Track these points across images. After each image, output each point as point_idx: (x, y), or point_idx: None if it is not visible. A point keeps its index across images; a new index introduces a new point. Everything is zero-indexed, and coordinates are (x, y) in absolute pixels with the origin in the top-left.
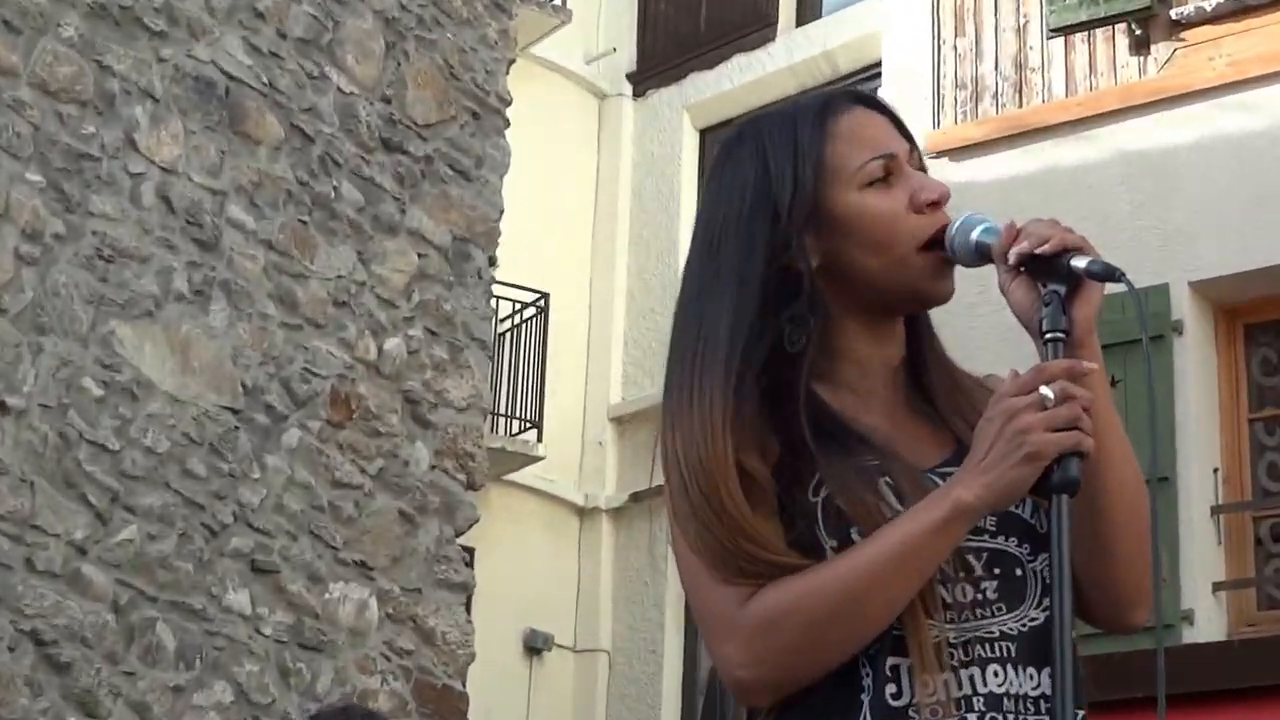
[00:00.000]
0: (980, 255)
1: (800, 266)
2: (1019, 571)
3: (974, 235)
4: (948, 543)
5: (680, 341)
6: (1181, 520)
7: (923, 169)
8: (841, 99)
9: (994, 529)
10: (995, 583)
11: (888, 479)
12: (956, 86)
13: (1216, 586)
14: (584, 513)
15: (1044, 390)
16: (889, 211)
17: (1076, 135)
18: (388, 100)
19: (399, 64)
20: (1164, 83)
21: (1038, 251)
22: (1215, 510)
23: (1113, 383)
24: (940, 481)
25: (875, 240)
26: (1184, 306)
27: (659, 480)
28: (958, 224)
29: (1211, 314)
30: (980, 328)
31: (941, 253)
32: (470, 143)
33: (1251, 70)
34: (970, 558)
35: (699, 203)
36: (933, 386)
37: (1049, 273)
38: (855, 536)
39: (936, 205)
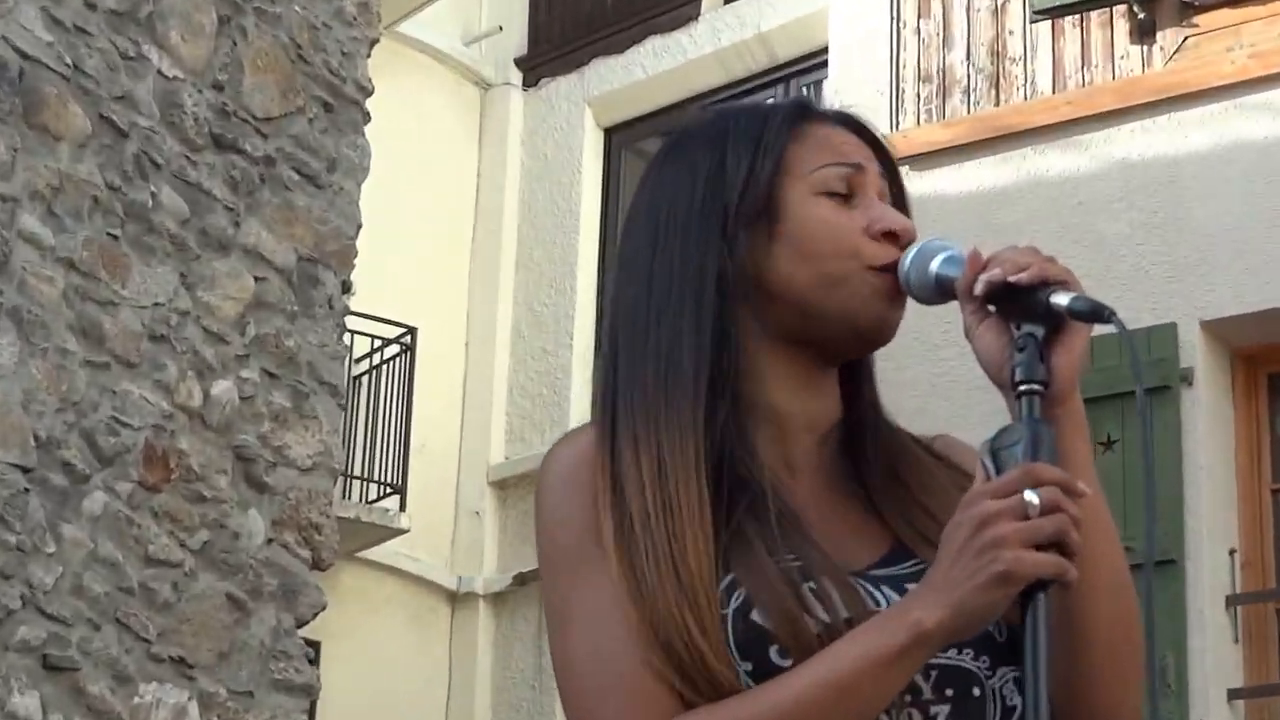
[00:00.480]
0: (941, 290)
1: (728, 269)
2: (977, 691)
3: (933, 266)
4: (902, 677)
5: (630, 358)
6: (1190, 613)
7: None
8: (822, 110)
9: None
10: (948, 707)
11: (812, 584)
12: (919, 79)
13: (1233, 694)
14: (457, 598)
15: (1028, 495)
16: (838, 224)
17: (1065, 141)
18: (220, 87)
19: (234, 43)
20: (1172, 78)
21: (1012, 280)
22: (1232, 600)
23: (1107, 444)
24: (871, 589)
25: (814, 248)
26: (1195, 351)
27: None
28: (913, 252)
29: (1228, 361)
30: (947, 376)
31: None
32: (321, 141)
33: (1279, 64)
34: (918, 678)
35: (638, 193)
36: (869, 464)
37: (1024, 311)
38: (775, 658)
39: (894, 237)
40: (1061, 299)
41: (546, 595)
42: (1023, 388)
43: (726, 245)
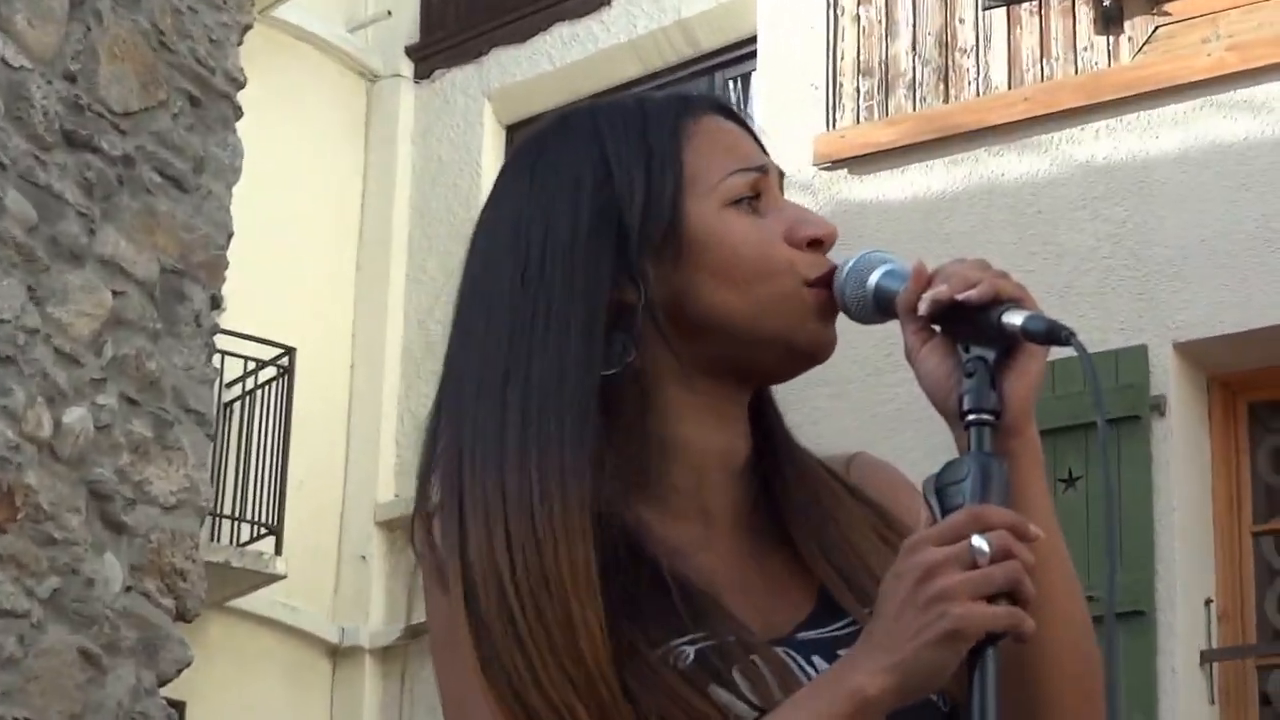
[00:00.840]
0: (880, 307)
1: (632, 300)
2: None
3: (872, 280)
4: None
5: (472, 412)
6: (1161, 670)
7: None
8: (701, 99)
9: None
10: None
11: (739, 666)
12: (859, 73)
13: None
14: (339, 652)
15: (976, 541)
16: (758, 238)
17: (1022, 142)
18: (72, 79)
19: (89, 28)
20: (1141, 72)
21: (960, 299)
22: (1207, 657)
23: (1069, 480)
24: (797, 658)
25: (742, 271)
26: (1168, 377)
27: None
28: (850, 264)
29: (1205, 387)
30: (891, 403)
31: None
32: (187, 139)
33: (1259, 57)
34: None
35: (490, 209)
36: (788, 500)
37: (973, 332)
38: None
39: (820, 244)
40: (1015, 318)
41: (435, 670)
42: (971, 418)
43: (628, 276)
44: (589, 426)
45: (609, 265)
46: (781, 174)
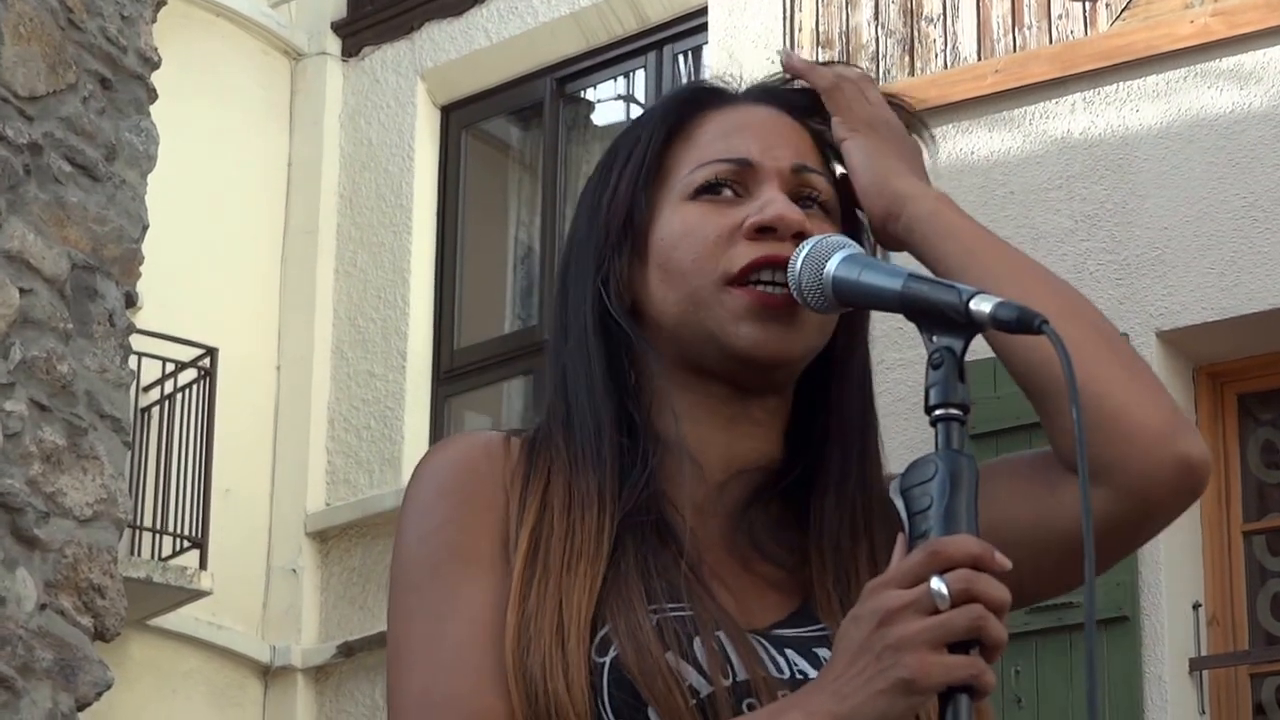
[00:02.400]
0: (839, 296)
1: (610, 305)
2: None
3: (829, 268)
4: None
5: (552, 384)
6: (1148, 679)
7: (839, 209)
8: (729, 90)
9: None
10: None
11: (701, 639)
12: (817, 44)
13: None
14: (270, 672)
15: (935, 585)
16: (700, 230)
17: (993, 117)
18: None
19: None
20: (1120, 40)
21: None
22: (1196, 664)
23: None
24: (773, 651)
25: (674, 265)
26: (1151, 367)
27: (380, 626)
28: (806, 249)
29: (1191, 379)
30: (886, 393)
31: (761, 290)
32: (98, 124)
33: (1246, 22)
34: None
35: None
36: (823, 518)
37: (940, 321)
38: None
39: (768, 231)
40: (984, 305)
41: (390, 615)
42: (939, 413)
43: (602, 276)
44: (604, 424)
45: (592, 267)
46: (799, 167)
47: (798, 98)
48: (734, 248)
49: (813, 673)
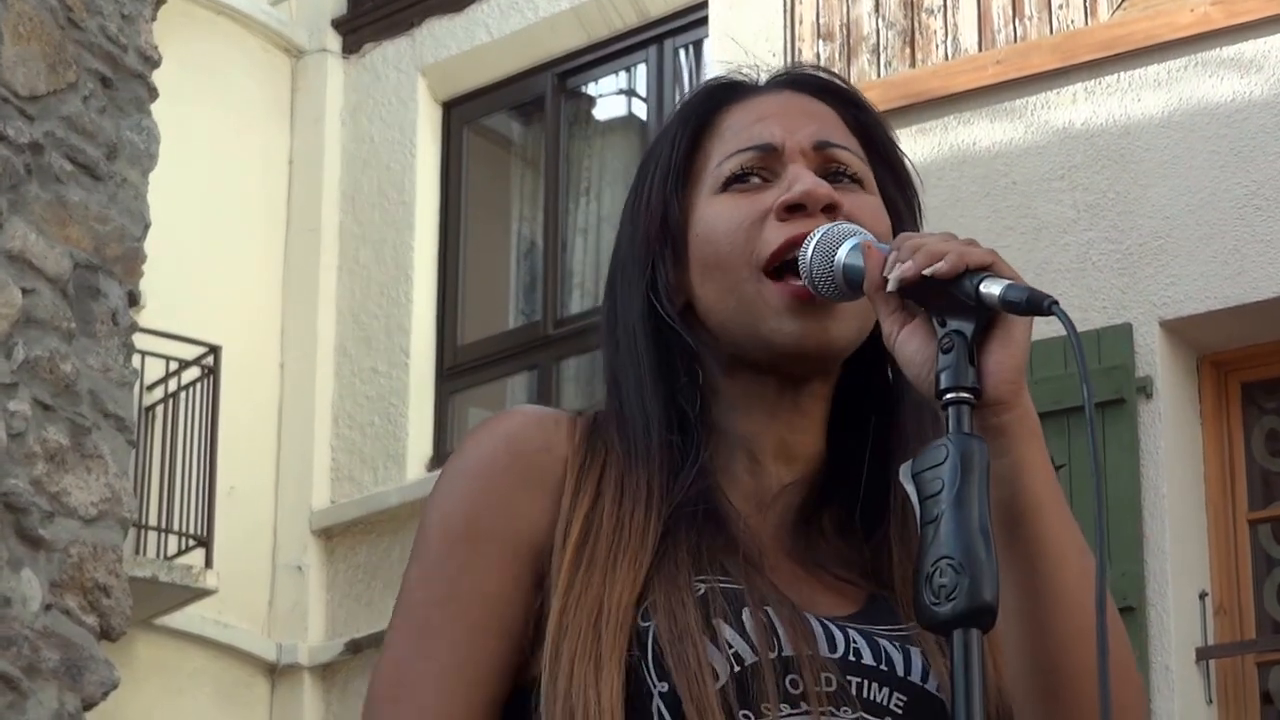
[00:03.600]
0: (851, 284)
1: (663, 309)
2: None
3: (840, 255)
4: None
5: (611, 377)
6: (1155, 667)
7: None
8: (749, 81)
9: (899, 712)
10: None
11: (750, 610)
12: (819, 37)
13: None
14: (277, 671)
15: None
16: (731, 219)
17: (995, 108)
18: None
19: None
20: (1121, 30)
21: (928, 274)
22: (1203, 654)
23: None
24: (831, 627)
25: (713, 260)
26: (1154, 357)
27: (386, 623)
28: (815, 239)
29: (1194, 367)
30: None
31: (794, 281)
32: (99, 123)
33: (1247, 10)
34: None
35: None
36: (888, 521)
37: (950, 306)
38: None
39: (798, 209)
40: (993, 288)
41: (404, 575)
42: (949, 396)
43: (649, 280)
44: (655, 422)
45: (640, 275)
46: (821, 143)
47: (818, 80)
48: (766, 231)
49: (869, 656)
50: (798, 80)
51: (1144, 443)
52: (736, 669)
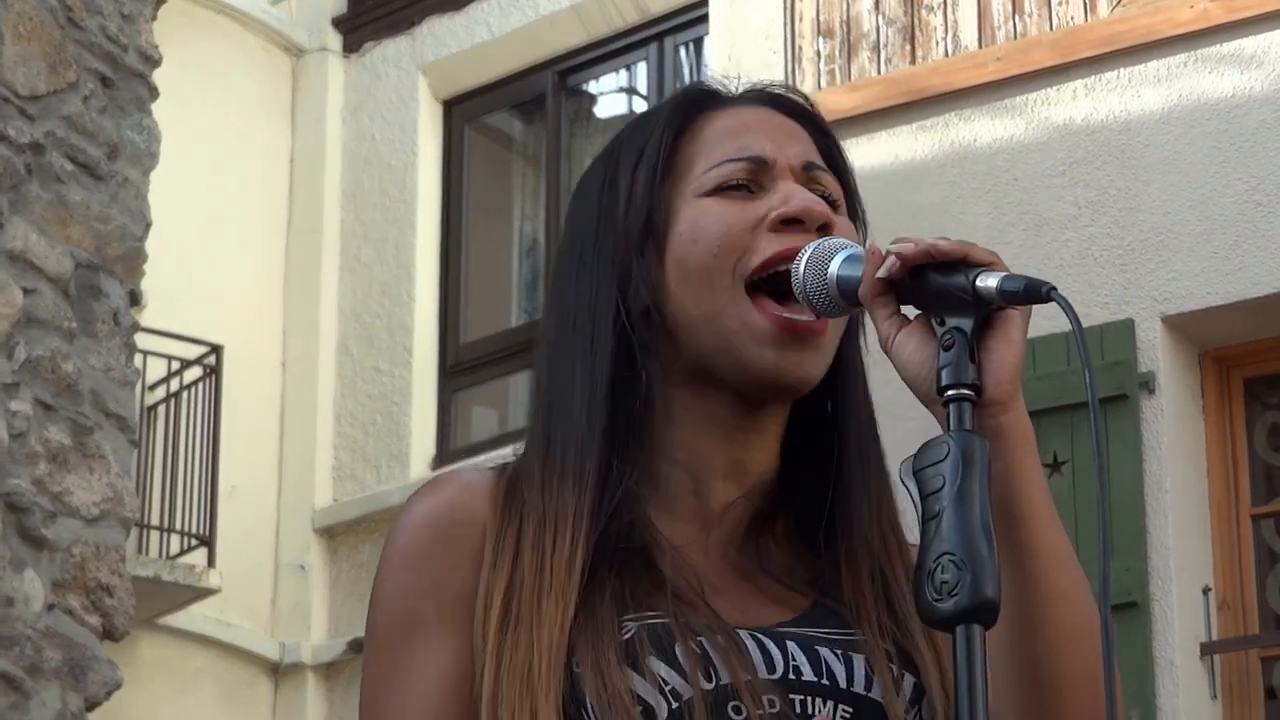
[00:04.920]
0: (845, 297)
1: (629, 308)
2: None
3: (832, 268)
4: None
5: (539, 402)
6: (1159, 662)
7: (852, 216)
8: (729, 92)
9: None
10: None
11: (682, 644)
12: (819, 34)
13: None
14: (280, 670)
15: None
16: (721, 222)
17: (995, 105)
18: None
19: None
20: (1121, 26)
21: (930, 247)
22: (1207, 649)
23: (1054, 465)
24: (766, 641)
25: (695, 262)
26: (1156, 353)
27: None
28: (809, 252)
29: (1196, 363)
30: (880, 389)
31: (774, 307)
32: (100, 123)
33: (1247, 6)
34: None
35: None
36: (852, 525)
37: (947, 304)
38: None
39: (794, 223)
40: (990, 280)
41: (362, 676)
42: (950, 393)
43: (620, 276)
44: (596, 435)
45: (607, 269)
46: (809, 165)
47: (793, 102)
48: (757, 240)
49: (809, 671)
50: (775, 99)
51: (1146, 438)
52: (674, 705)
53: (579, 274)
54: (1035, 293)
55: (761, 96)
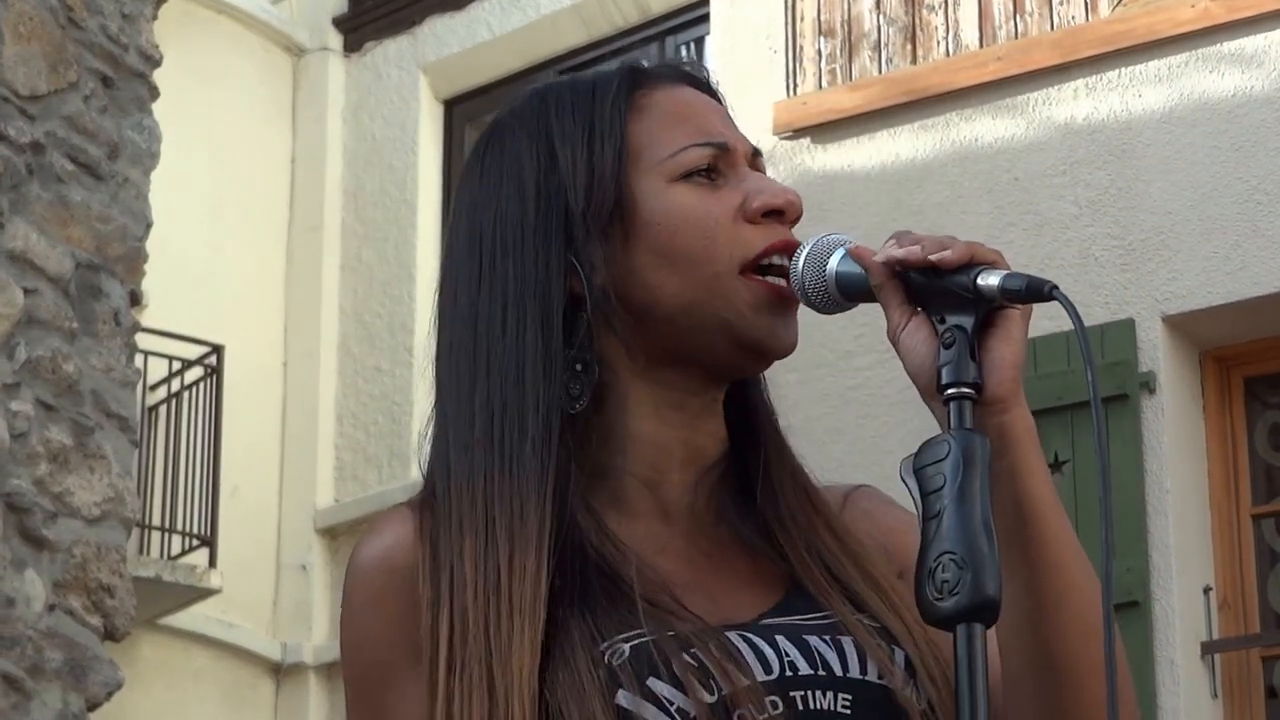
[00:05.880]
0: (844, 292)
1: (580, 288)
2: None
3: (831, 264)
4: None
5: (456, 417)
6: (1160, 662)
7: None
8: (658, 69)
9: (847, 712)
10: None
11: (678, 660)
12: (820, 34)
13: None
14: (282, 670)
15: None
16: (704, 214)
17: (996, 104)
18: None
19: None
20: (1122, 25)
21: (934, 259)
22: (1208, 648)
23: (1055, 465)
24: (755, 639)
25: (680, 250)
26: (1158, 352)
27: None
28: (807, 249)
29: (1197, 363)
30: (863, 388)
31: (775, 282)
32: (100, 123)
33: (1247, 6)
34: None
35: (454, 208)
36: (773, 495)
37: (948, 302)
38: None
39: (779, 215)
40: (991, 279)
41: None
42: (951, 392)
43: (574, 260)
44: (547, 430)
45: (558, 252)
46: (756, 151)
47: (707, 81)
48: (742, 232)
49: (804, 665)
50: (693, 78)
51: (1147, 438)
52: None
53: (510, 257)
54: (1037, 291)
55: (684, 76)
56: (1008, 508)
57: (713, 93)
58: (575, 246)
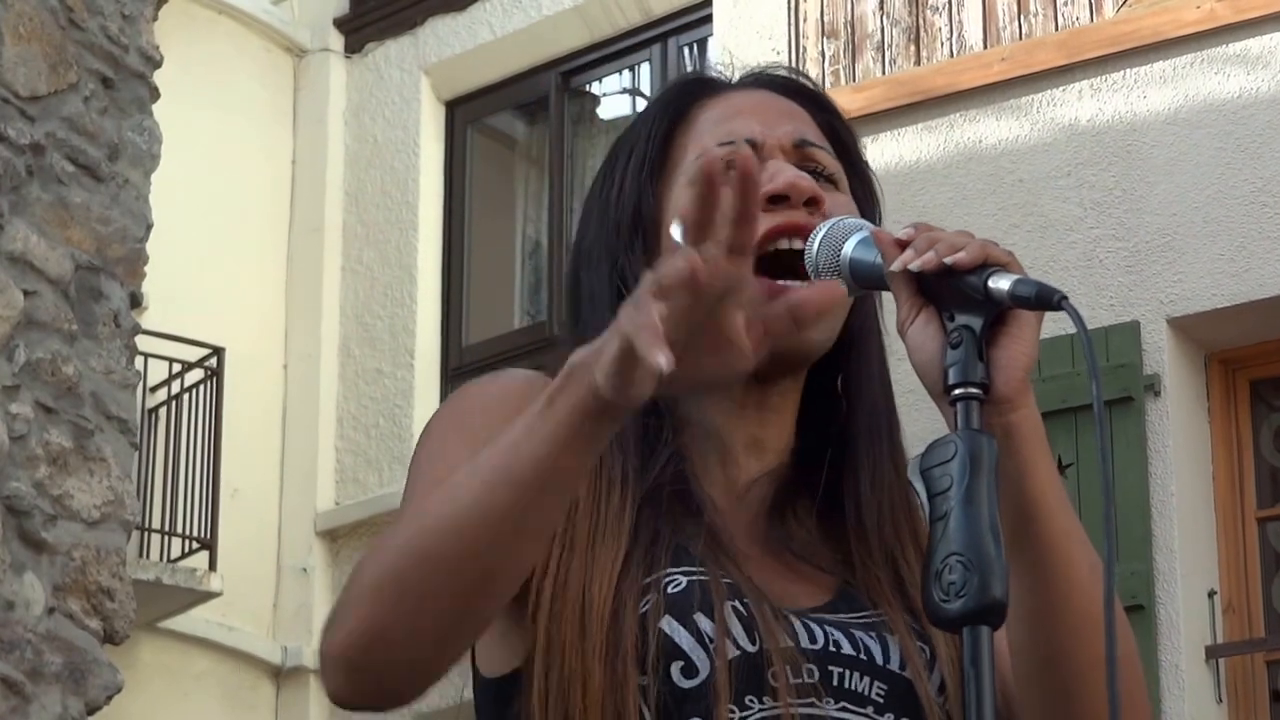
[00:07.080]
0: (856, 277)
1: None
2: None
3: (847, 249)
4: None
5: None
6: (1164, 668)
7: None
8: (721, 78)
9: (880, 701)
10: None
11: (737, 605)
12: (823, 34)
13: None
14: (282, 674)
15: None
16: None
17: (1000, 105)
18: None
19: None
20: (1127, 26)
21: (949, 262)
22: (1213, 652)
23: (1061, 467)
24: (812, 624)
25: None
26: (1163, 355)
27: None
28: (824, 231)
29: (1202, 365)
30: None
31: (786, 284)
32: (100, 124)
33: (1253, 6)
34: None
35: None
36: (859, 504)
37: (959, 300)
38: (678, 677)
39: (780, 200)
40: (1002, 282)
41: (410, 472)
42: (958, 392)
43: (613, 269)
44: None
45: (607, 264)
46: (799, 142)
47: (792, 81)
48: None
49: (848, 647)
50: (772, 80)
51: (1152, 441)
52: (716, 662)
53: (584, 270)
54: (1046, 301)
55: (760, 80)
56: (1015, 506)
57: (794, 89)
58: (618, 260)
